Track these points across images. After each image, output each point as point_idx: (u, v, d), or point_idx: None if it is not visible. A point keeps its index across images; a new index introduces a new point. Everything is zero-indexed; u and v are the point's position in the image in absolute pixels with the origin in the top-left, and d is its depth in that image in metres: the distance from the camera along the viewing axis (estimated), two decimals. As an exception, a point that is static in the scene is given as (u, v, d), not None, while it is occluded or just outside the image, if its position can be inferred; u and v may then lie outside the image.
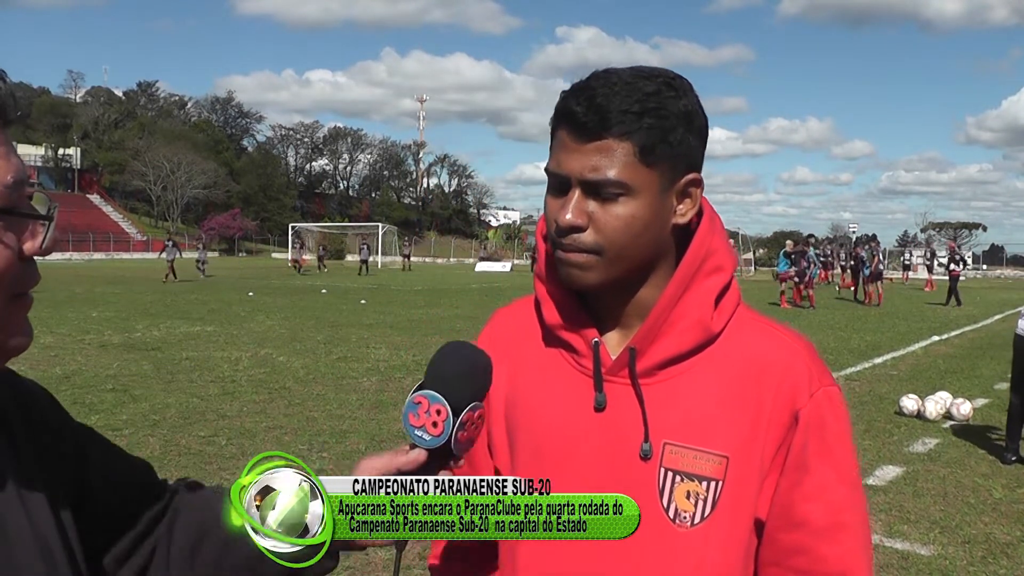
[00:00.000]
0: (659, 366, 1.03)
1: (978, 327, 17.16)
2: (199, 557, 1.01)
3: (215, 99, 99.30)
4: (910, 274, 39.85)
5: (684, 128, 0.99)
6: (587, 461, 1.04)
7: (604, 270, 1.00)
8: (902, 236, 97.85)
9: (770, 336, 1.06)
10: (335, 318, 16.39)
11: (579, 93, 0.98)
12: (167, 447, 6.20)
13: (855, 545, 1.03)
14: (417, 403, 0.92)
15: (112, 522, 0.97)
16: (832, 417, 1.03)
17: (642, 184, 0.98)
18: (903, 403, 7.97)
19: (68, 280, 27.44)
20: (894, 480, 5.80)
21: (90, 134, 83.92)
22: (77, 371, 9.43)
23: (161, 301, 19.86)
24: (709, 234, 1.05)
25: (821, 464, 1.02)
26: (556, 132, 1.01)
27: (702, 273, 1.04)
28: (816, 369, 1.05)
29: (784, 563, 1.04)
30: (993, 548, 4.56)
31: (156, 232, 75.46)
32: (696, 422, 1.02)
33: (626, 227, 0.98)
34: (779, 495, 1.03)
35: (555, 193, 1.01)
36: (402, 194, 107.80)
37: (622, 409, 1.03)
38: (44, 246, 0.78)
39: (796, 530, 1.02)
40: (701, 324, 1.03)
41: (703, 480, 1.01)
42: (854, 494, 1.04)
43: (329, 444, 6.39)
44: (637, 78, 0.98)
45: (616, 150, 0.96)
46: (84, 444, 0.97)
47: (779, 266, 22.55)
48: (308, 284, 29.27)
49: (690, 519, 1.01)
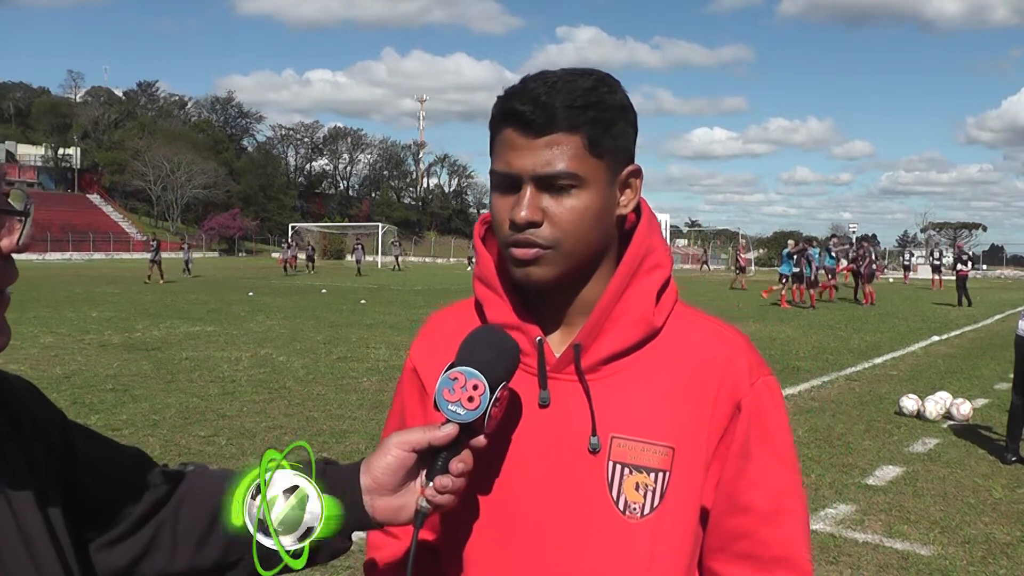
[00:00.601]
0: (603, 361, 1.06)
1: (978, 327, 17.16)
2: (212, 537, 1.00)
3: (215, 99, 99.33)
4: (911, 275, 39.86)
5: (623, 121, 1.04)
6: (534, 457, 1.05)
7: (560, 264, 1.02)
8: (902, 236, 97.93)
9: (710, 330, 1.10)
10: (335, 318, 16.39)
11: (520, 94, 1.01)
12: (167, 447, 6.20)
13: (795, 528, 1.08)
14: (454, 379, 0.95)
15: (104, 509, 0.96)
16: (771, 406, 1.08)
17: (592, 175, 1.01)
18: (903, 403, 7.97)
19: (68, 280, 27.46)
20: (894, 480, 5.80)
21: (90, 134, 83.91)
22: (77, 371, 9.43)
23: (161, 301, 19.86)
24: (648, 233, 1.09)
25: (762, 451, 1.06)
26: (499, 134, 1.03)
27: (642, 270, 1.07)
28: (755, 360, 1.09)
29: (729, 548, 1.07)
30: (993, 548, 4.56)
31: (156, 232, 75.45)
32: (642, 415, 1.04)
33: (580, 218, 1.01)
34: (724, 483, 1.06)
35: (504, 193, 1.03)
36: (402, 194, 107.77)
37: (568, 405, 1.05)
38: (21, 242, 0.78)
39: (741, 515, 1.06)
40: (644, 319, 1.06)
41: (651, 472, 1.03)
42: (794, 479, 1.09)
43: (329, 444, 6.39)
44: (573, 76, 1.01)
45: (566, 144, 0.99)
46: (71, 436, 0.96)
47: (781, 267, 22.56)
48: (308, 284, 29.27)
49: (640, 510, 1.03)
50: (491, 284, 1.10)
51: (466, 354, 0.98)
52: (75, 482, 0.93)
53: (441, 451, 0.96)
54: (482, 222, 1.13)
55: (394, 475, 0.98)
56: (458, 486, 0.96)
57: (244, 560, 1.00)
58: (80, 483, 0.94)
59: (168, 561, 0.99)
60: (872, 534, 4.71)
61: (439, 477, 0.96)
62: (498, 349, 0.99)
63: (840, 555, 4.38)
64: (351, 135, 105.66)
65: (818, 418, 7.74)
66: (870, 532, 4.75)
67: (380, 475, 0.98)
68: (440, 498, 0.96)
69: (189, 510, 1.01)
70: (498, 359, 0.98)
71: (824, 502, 5.23)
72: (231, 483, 1.00)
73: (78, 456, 0.95)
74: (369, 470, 0.99)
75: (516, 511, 1.05)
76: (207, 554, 1.00)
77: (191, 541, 1.00)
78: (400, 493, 0.99)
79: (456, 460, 0.96)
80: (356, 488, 0.99)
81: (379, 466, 0.98)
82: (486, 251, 1.12)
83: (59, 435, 0.94)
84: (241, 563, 1.00)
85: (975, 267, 26.98)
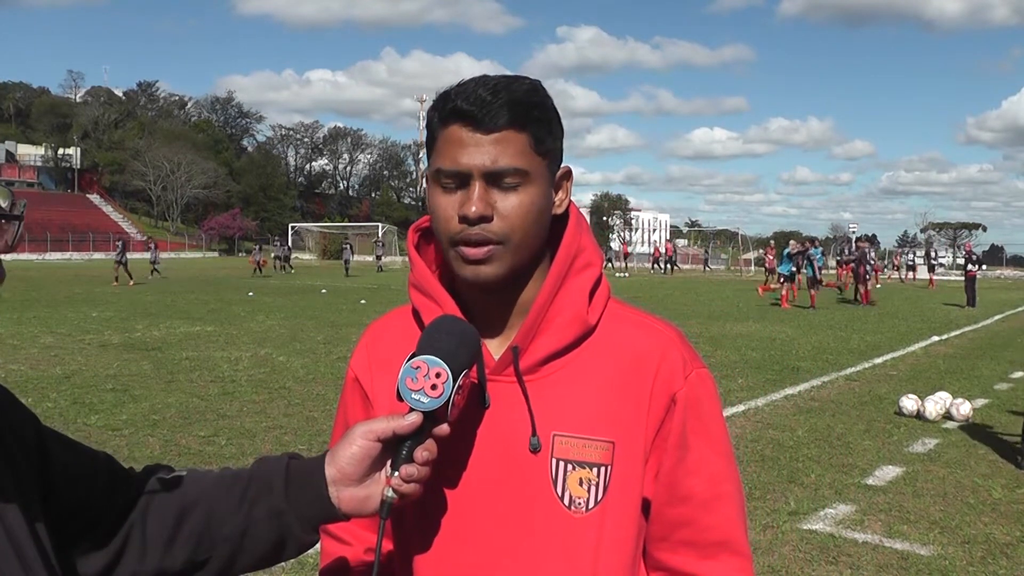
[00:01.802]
0: (542, 362, 1.07)
1: (978, 327, 17.15)
2: (180, 536, 1.00)
3: (215, 99, 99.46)
4: (912, 274, 39.82)
5: (557, 124, 1.07)
6: (478, 459, 1.07)
7: (508, 260, 1.03)
8: (902, 236, 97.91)
9: (643, 326, 1.12)
10: (335, 318, 16.39)
11: (463, 94, 1.02)
12: (167, 447, 6.20)
13: (732, 512, 1.11)
14: (416, 368, 0.95)
15: (78, 515, 0.96)
16: (706, 396, 1.10)
17: (536, 171, 1.04)
18: (903, 403, 7.97)
19: (68, 280, 27.44)
20: (894, 480, 5.80)
21: (90, 134, 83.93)
22: (77, 371, 9.43)
23: (161, 301, 19.86)
24: (577, 233, 1.11)
25: (699, 441, 1.09)
26: (443, 132, 1.04)
27: (574, 270, 1.09)
28: (688, 354, 1.11)
29: (671, 537, 1.10)
30: (993, 548, 4.56)
31: (156, 232, 75.46)
32: (581, 412, 1.06)
33: (527, 213, 1.03)
34: (663, 474, 1.09)
35: (449, 191, 1.03)
36: (402, 194, 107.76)
37: (508, 406, 1.07)
38: (13, 243, 0.78)
39: (681, 504, 1.09)
40: (578, 318, 1.08)
41: (593, 467, 1.05)
42: (729, 466, 1.12)
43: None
44: (509, 80, 1.04)
45: (514, 140, 1.01)
46: (44, 439, 0.95)
47: (781, 267, 22.55)
48: (308, 284, 29.27)
49: (584, 504, 1.05)
50: (427, 290, 1.12)
51: (428, 343, 0.98)
52: (50, 487, 0.92)
53: (406, 440, 0.96)
54: (415, 229, 1.15)
55: (359, 465, 0.98)
56: (423, 475, 0.97)
57: (213, 559, 1.00)
58: (54, 487, 0.93)
59: (138, 564, 0.99)
60: (872, 534, 4.71)
61: (404, 466, 0.96)
62: (460, 337, 0.99)
63: (840, 555, 4.38)
64: (351, 135, 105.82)
65: (818, 418, 7.74)
66: (870, 532, 4.75)
67: (345, 465, 0.98)
68: (406, 487, 0.96)
69: (156, 512, 1.01)
70: (460, 347, 0.98)
71: (824, 502, 5.23)
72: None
73: (52, 460, 0.94)
74: (334, 461, 0.98)
75: (462, 512, 1.07)
76: (176, 554, 1.00)
77: (160, 543, 0.99)
78: (366, 484, 0.99)
79: (421, 449, 0.96)
80: (321, 480, 0.99)
81: (344, 456, 0.98)
82: (420, 258, 1.14)
83: (34, 436, 0.93)
84: (211, 562, 1.00)
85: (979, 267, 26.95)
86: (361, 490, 0.99)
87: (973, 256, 24.20)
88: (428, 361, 0.95)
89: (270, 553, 1.01)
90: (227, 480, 1.03)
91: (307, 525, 1.00)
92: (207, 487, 1.03)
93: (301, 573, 3.99)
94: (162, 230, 76.76)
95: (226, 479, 1.04)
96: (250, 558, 1.01)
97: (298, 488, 0.99)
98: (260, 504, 1.00)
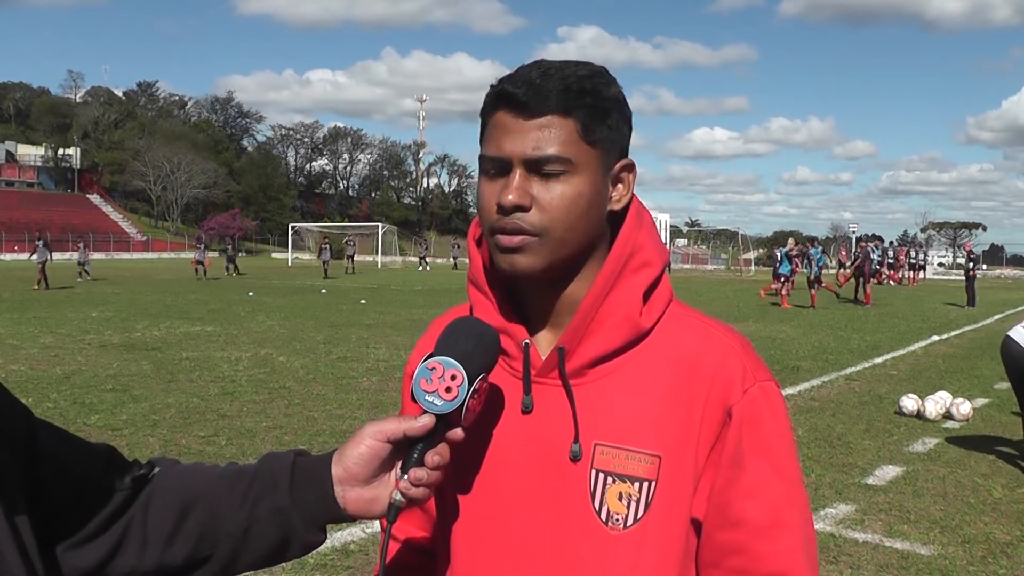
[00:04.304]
0: (588, 365, 1.01)
1: (978, 327, 17.14)
2: (181, 531, 0.97)
3: (215, 99, 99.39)
4: (921, 274, 39.78)
5: (618, 113, 1.00)
6: (515, 465, 1.02)
7: (547, 254, 0.98)
8: (902, 236, 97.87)
9: (703, 333, 1.04)
10: (335, 318, 16.39)
11: (514, 78, 0.98)
12: (167, 447, 6.20)
13: (794, 543, 1.00)
14: (431, 369, 0.93)
15: (72, 507, 0.93)
16: (769, 413, 1.01)
17: (584, 162, 0.97)
18: (903, 403, 7.97)
19: (68, 280, 27.43)
20: (894, 480, 5.80)
21: (90, 134, 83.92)
22: (77, 371, 9.43)
23: (161, 301, 19.87)
24: (635, 229, 1.04)
25: (758, 461, 0.99)
26: (491, 119, 1.00)
27: (629, 269, 1.02)
28: (751, 365, 1.02)
29: (723, 563, 1.01)
30: (993, 548, 4.56)
31: (156, 232, 75.50)
32: (627, 422, 1.00)
33: (570, 205, 0.97)
34: (715, 494, 1.00)
35: (492, 178, 0.99)
36: (402, 194, 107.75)
37: (551, 411, 1.01)
38: None
39: (734, 529, 1.00)
40: (629, 321, 1.01)
41: (635, 481, 0.98)
42: (793, 491, 1.02)
43: (329, 444, 6.38)
44: (569, 64, 0.99)
45: (559, 127, 0.96)
46: (36, 433, 0.92)
47: (781, 267, 22.54)
48: (308, 284, 29.27)
49: (623, 521, 0.99)
50: (480, 286, 1.07)
51: (445, 344, 0.95)
52: (39, 480, 0.89)
53: (417, 443, 0.93)
54: (476, 224, 1.09)
55: (367, 465, 0.95)
56: (433, 479, 0.93)
57: (215, 556, 0.98)
58: (43, 480, 0.90)
59: (138, 559, 0.96)
60: (872, 534, 4.71)
61: (414, 470, 0.92)
62: (477, 339, 0.96)
63: (840, 555, 4.38)
64: (351, 135, 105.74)
65: (818, 418, 7.74)
66: (870, 532, 4.74)
67: (352, 465, 0.95)
68: (414, 491, 0.92)
69: (159, 506, 0.98)
70: (477, 349, 0.95)
71: (824, 502, 5.23)
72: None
73: (41, 452, 0.91)
74: (341, 460, 0.96)
75: (497, 519, 1.03)
76: (178, 550, 0.97)
77: (161, 538, 0.97)
78: (373, 485, 0.96)
79: (432, 453, 0.93)
80: (327, 478, 0.96)
81: (352, 456, 0.95)
82: (479, 253, 1.08)
83: (24, 433, 0.91)
84: (213, 559, 0.98)
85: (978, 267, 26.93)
86: (368, 491, 0.96)
87: (973, 256, 24.25)
88: (444, 363, 0.92)
89: (274, 551, 0.99)
90: (232, 476, 1.01)
91: (311, 524, 0.97)
92: (211, 482, 1.01)
93: (301, 573, 3.99)
94: (162, 230, 76.78)
95: (231, 474, 1.02)
96: (253, 556, 0.99)
97: (303, 486, 0.97)
98: (264, 501, 0.98)
